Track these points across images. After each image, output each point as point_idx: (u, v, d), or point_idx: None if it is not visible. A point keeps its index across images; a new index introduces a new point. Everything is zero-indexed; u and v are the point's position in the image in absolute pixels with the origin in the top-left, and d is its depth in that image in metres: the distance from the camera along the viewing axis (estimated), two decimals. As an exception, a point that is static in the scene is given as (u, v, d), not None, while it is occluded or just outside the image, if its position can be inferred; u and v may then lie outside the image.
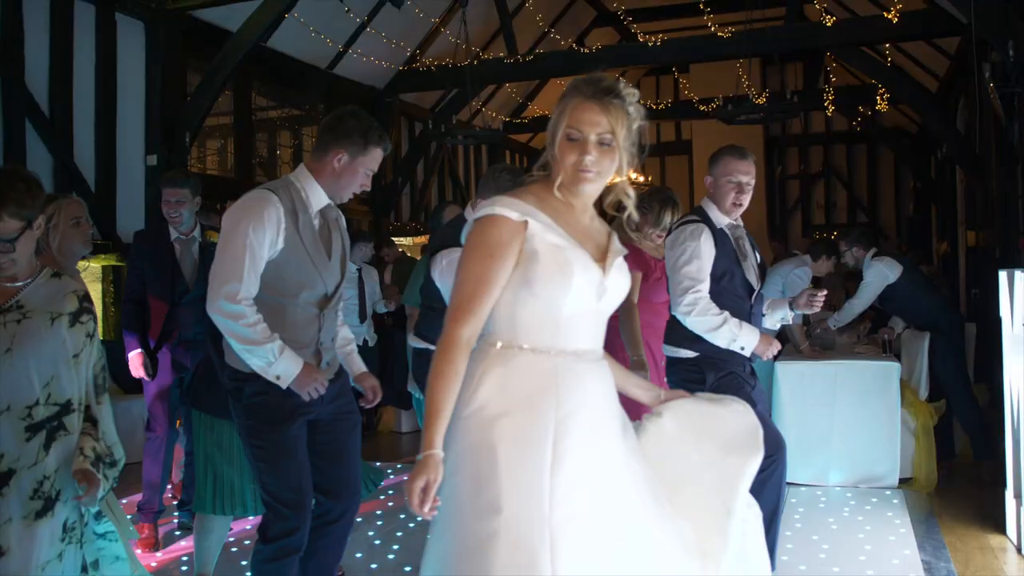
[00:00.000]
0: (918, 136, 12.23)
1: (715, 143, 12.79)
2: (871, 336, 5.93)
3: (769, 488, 2.76)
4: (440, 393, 1.66)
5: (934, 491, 4.58)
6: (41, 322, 2.11)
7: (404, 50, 9.27)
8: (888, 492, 4.53)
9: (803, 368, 4.84)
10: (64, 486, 2.11)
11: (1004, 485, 3.80)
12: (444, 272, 3.07)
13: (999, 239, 6.58)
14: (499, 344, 1.75)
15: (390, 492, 4.70)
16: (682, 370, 2.96)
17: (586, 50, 9.36)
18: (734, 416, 2.00)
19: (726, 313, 2.85)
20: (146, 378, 3.94)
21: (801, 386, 4.80)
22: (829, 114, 11.88)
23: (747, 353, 2.87)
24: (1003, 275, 3.88)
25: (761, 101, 9.50)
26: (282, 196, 2.41)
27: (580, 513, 1.63)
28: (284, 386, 2.38)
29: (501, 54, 9.34)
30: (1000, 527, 3.84)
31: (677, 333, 2.97)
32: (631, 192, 1.86)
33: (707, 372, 2.89)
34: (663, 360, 3.33)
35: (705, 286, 2.85)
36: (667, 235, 3.15)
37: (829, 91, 10.43)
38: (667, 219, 3.74)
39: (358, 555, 3.71)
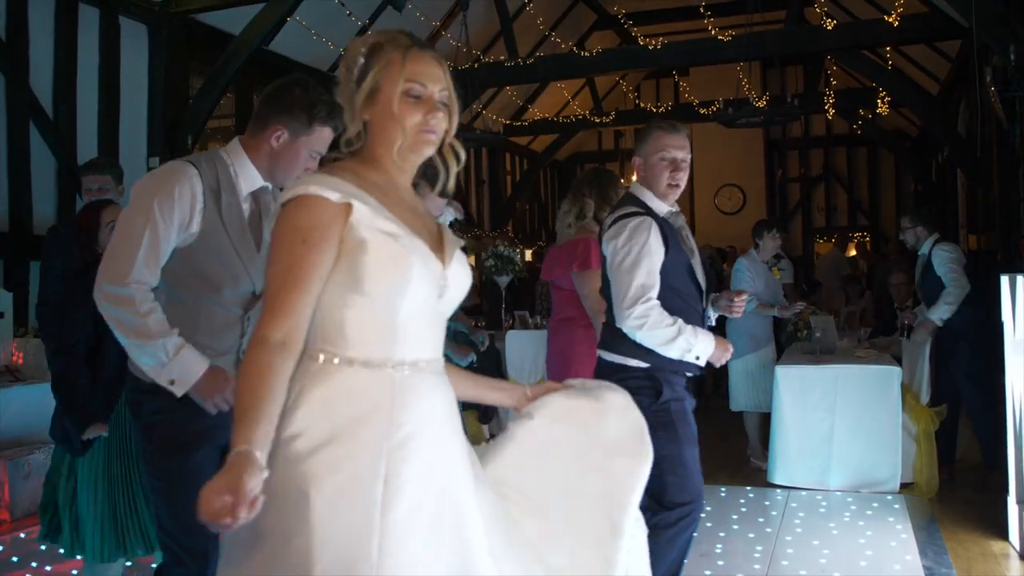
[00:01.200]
0: (919, 139, 12.25)
1: (716, 146, 13.03)
2: (872, 340, 5.94)
3: (676, 549, 2.48)
4: (243, 394, 1.33)
5: (935, 496, 4.58)
6: None
7: (405, 53, 9.27)
8: (889, 497, 4.52)
9: (804, 372, 4.84)
10: None
11: (1007, 491, 3.80)
12: None
13: (1000, 243, 6.58)
14: (321, 357, 1.42)
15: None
16: (630, 379, 2.41)
17: (586, 53, 9.38)
18: (617, 411, 1.68)
19: (679, 321, 2.45)
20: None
21: (802, 390, 4.80)
22: (830, 117, 11.90)
23: (702, 363, 2.51)
24: (1005, 279, 3.88)
25: (761, 104, 9.53)
26: (204, 170, 2.03)
27: (417, 561, 1.33)
28: (179, 393, 1.94)
29: (502, 57, 9.35)
30: (1003, 533, 3.83)
31: (624, 341, 2.52)
32: (461, 153, 1.56)
33: (663, 387, 2.51)
34: None
35: (655, 292, 2.45)
36: (602, 228, 2.71)
37: (829, 94, 10.45)
38: None
39: None
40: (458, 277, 1.54)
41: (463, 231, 11.46)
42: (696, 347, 2.47)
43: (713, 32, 8.61)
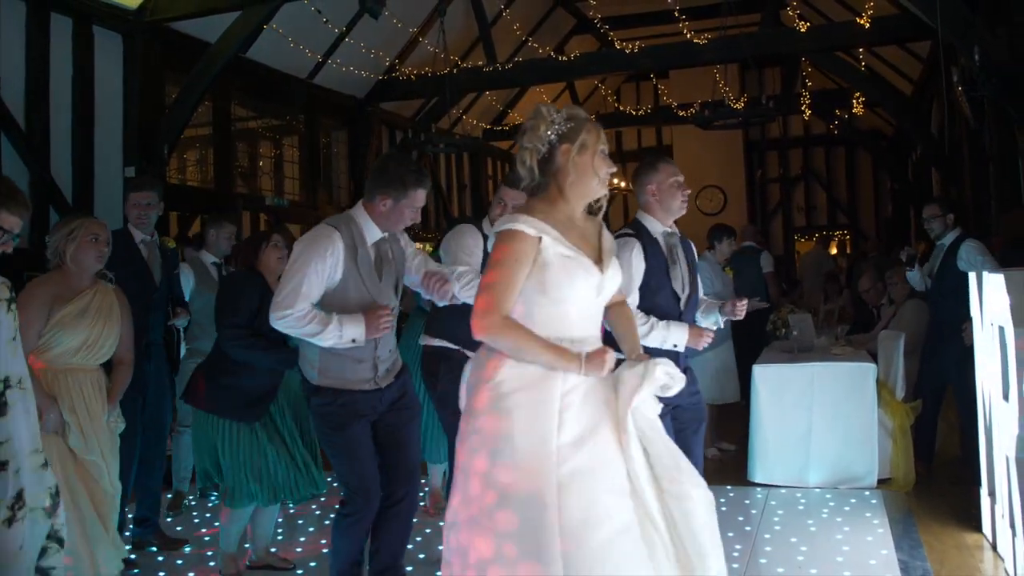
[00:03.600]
0: (894, 138, 12.39)
1: (695, 148, 13.07)
2: (848, 337, 6.01)
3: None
4: (529, 344, 2.06)
5: (912, 490, 4.63)
6: None
7: (383, 60, 9.28)
8: (867, 492, 4.57)
9: (780, 370, 4.88)
10: (10, 457, 2.28)
11: (979, 483, 3.86)
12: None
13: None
14: None
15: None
16: None
17: (565, 58, 9.42)
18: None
19: (652, 319, 3.06)
20: None
21: (779, 388, 4.84)
22: (806, 118, 12.02)
23: (681, 349, 3.08)
24: (972, 275, 3.94)
25: (739, 106, 9.61)
26: (343, 232, 2.82)
27: (581, 469, 1.97)
28: (363, 342, 2.79)
29: (480, 63, 9.38)
30: (977, 525, 3.88)
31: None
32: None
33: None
34: None
35: (632, 298, 3.00)
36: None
37: (806, 95, 10.55)
38: None
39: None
40: (613, 278, 2.21)
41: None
42: (671, 337, 3.06)
43: (689, 36, 8.68)
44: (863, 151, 13.53)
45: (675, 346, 3.07)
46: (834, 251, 12.02)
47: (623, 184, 14.58)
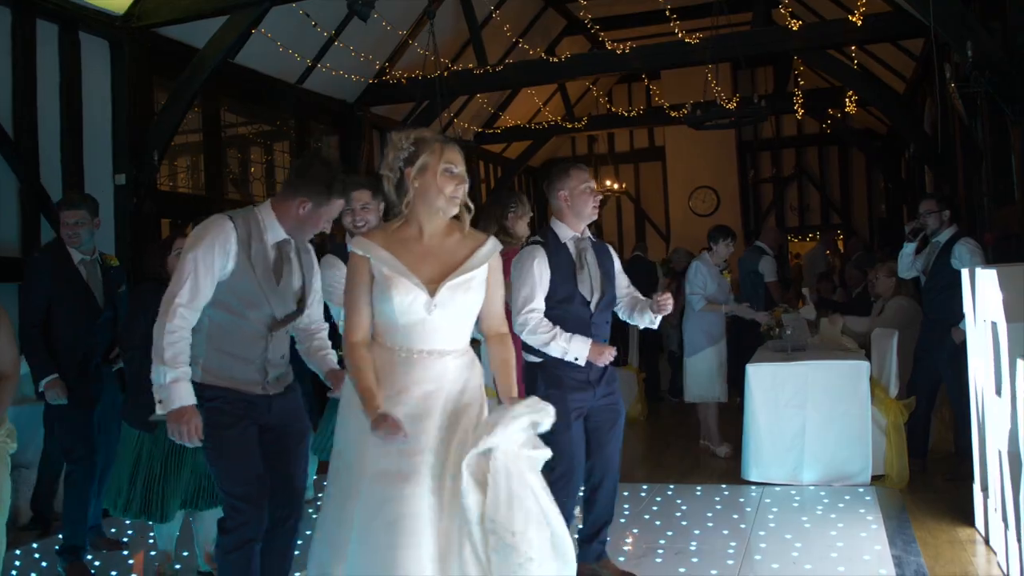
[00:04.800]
0: (887, 137, 12.40)
1: (688, 148, 13.05)
2: (847, 317, 5.94)
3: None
4: (354, 376, 2.35)
5: (906, 487, 4.62)
6: None
7: (373, 63, 9.26)
8: (861, 489, 4.56)
9: (775, 369, 4.87)
10: None
11: (972, 479, 3.84)
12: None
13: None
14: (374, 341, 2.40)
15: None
16: (530, 372, 3.32)
17: (556, 59, 9.41)
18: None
19: (556, 329, 3.16)
20: (64, 402, 3.83)
21: (773, 387, 4.83)
22: (799, 117, 12.01)
23: (581, 363, 3.17)
24: (965, 272, 3.94)
25: (731, 106, 9.61)
26: (238, 224, 2.64)
27: (387, 467, 2.20)
28: (160, 411, 2.54)
29: (471, 65, 9.36)
30: (969, 520, 3.88)
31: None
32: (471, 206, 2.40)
33: (540, 378, 3.24)
34: None
35: (536, 304, 3.16)
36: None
37: (798, 94, 10.54)
38: None
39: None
40: (450, 300, 2.31)
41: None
42: (571, 350, 3.16)
43: (680, 35, 8.68)
44: (856, 150, 13.53)
45: (576, 359, 3.16)
46: (827, 251, 11.99)
47: (616, 186, 14.60)
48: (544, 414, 2.21)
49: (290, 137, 9.01)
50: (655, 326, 3.37)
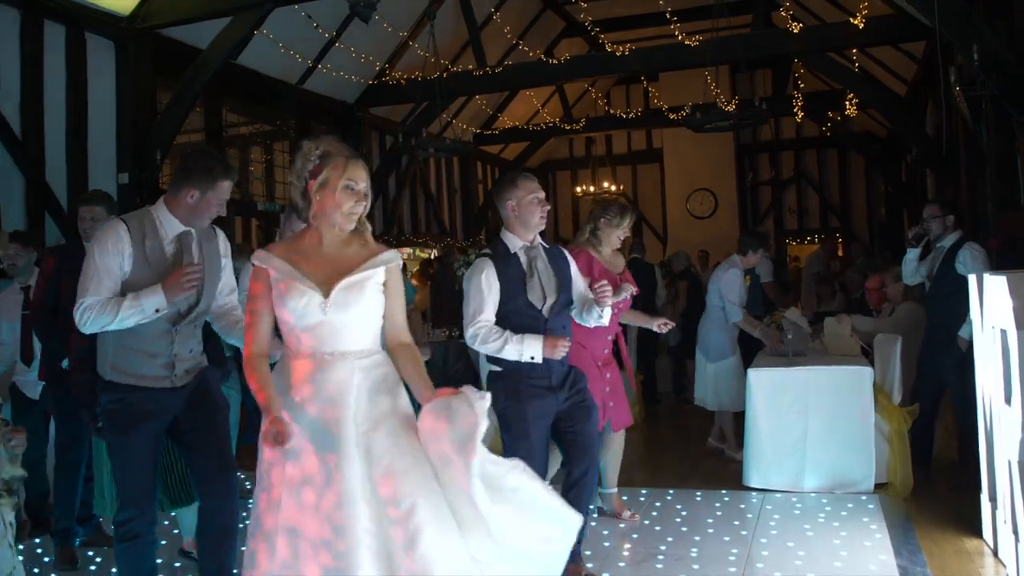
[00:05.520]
0: (888, 140, 12.41)
1: (686, 151, 12.98)
2: (853, 316, 5.87)
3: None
4: (254, 383, 2.36)
5: (910, 495, 4.59)
6: None
7: (373, 64, 9.24)
8: (864, 497, 4.53)
9: (776, 375, 4.84)
10: None
11: (980, 488, 3.82)
12: None
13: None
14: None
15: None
16: (491, 383, 3.32)
17: (555, 61, 9.40)
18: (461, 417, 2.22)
19: (507, 334, 3.16)
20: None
21: (774, 392, 4.80)
22: (799, 120, 12.02)
23: (539, 360, 3.15)
24: (972, 278, 3.91)
25: (730, 108, 9.60)
26: (132, 225, 2.78)
27: (296, 475, 2.24)
28: (166, 309, 2.71)
29: (470, 66, 9.34)
30: (977, 531, 3.85)
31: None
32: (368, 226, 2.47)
33: (499, 389, 3.21)
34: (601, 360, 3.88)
35: (485, 316, 3.18)
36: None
37: (798, 97, 10.54)
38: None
39: None
40: (344, 300, 2.32)
41: (437, 240, 11.42)
42: (526, 350, 3.14)
43: (680, 38, 8.67)
44: (856, 153, 13.55)
45: (532, 358, 3.15)
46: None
47: (613, 188, 14.58)
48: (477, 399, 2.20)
49: (290, 137, 9.00)
50: (605, 321, 3.33)
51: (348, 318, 2.33)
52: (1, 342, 4.47)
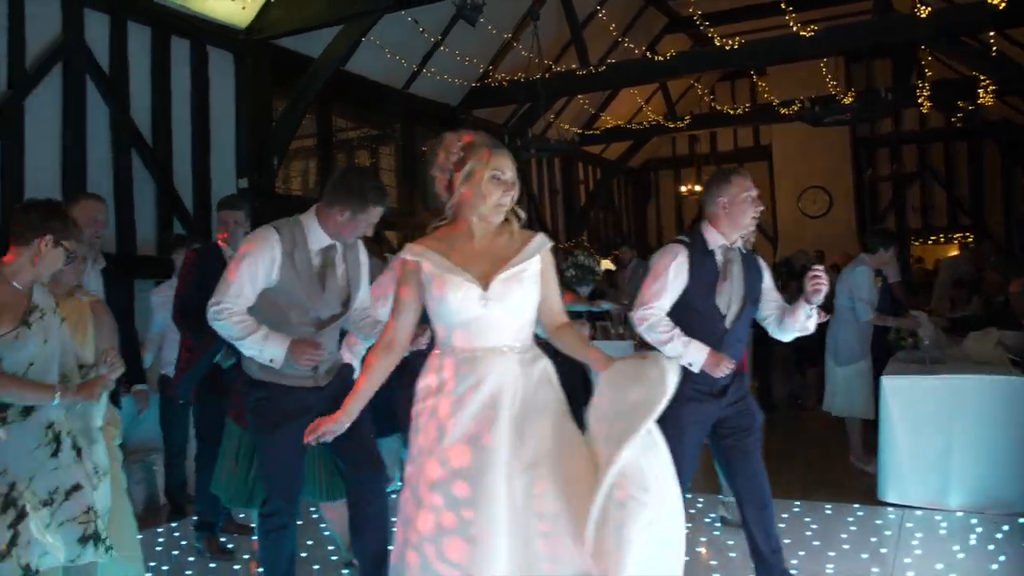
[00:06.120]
0: (1029, 129, 11.44)
1: (797, 146, 12.42)
2: (1003, 332, 5.41)
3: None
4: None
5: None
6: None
7: (477, 67, 9.27)
8: (1021, 520, 4.14)
9: (914, 383, 4.51)
10: None
11: None
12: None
13: None
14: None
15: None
16: None
17: (661, 57, 9.17)
18: (645, 381, 2.16)
19: (676, 331, 3.03)
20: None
21: (912, 401, 4.47)
22: (925, 111, 11.26)
23: (695, 369, 3.00)
24: None
25: (848, 100, 9.12)
26: (284, 235, 2.82)
27: (452, 470, 2.16)
28: (279, 367, 2.76)
29: (573, 66, 9.23)
30: None
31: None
32: (522, 215, 2.40)
33: None
34: None
35: (661, 303, 3.06)
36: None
37: (923, 86, 9.89)
38: None
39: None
40: (504, 293, 2.27)
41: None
42: (687, 355, 3.01)
43: (795, 27, 8.28)
44: (991, 144, 12.56)
45: (690, 365, 3.00)
46: (954, 253, 11.16)
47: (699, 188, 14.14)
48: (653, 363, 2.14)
49: (396, 140, 9.13)
50: (812, 328, 3.09)
51: (506, 311, 2.28)
52: (151, 334, 4.72)
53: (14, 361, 2.54)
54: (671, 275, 3.06)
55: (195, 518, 4.16)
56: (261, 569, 3.03)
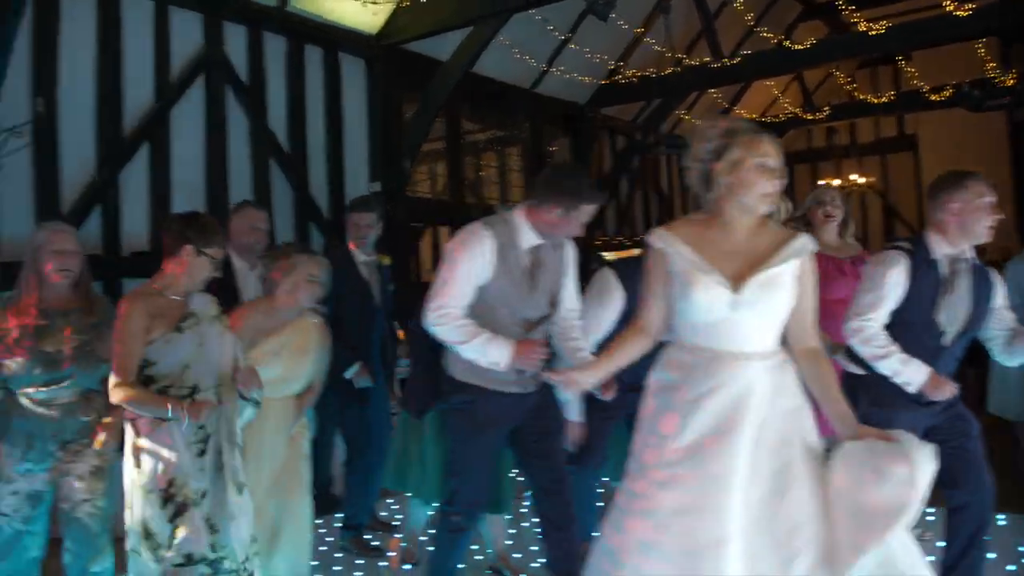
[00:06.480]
0: None
1: (948, 135, 11.45)
2: None
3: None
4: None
5: None
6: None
7: (606, 63, 9.13)
8: None
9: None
10: None
11: None
12: None
13: None
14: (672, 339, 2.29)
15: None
16: (848, 384, 2.87)
17: (799, 46, 8.73)
18: (893, 480, 1.95)
19: (894, 347, 2.80)
20: (370, 384, 4.05)
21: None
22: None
23: (912, 390, 2.78)
24: None
25: (1010, 82, 8.37)
26: (497, 232, 2.76)
27: (688, 476, 2.04)
28: (504, 368, 2.68)
29: (706, 59, 8.94)
30: None
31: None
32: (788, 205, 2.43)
33: (861, 392, 2.86)
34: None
35: (877, 314, 2.82)
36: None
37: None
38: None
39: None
40: (758, 298, 2.13)
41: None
42: (904, 373, 2.76)
43: (949, 7, 7.67)
44: None
45: (907, 385, 2.79)
46: None
47: (862, 180, 13.35)
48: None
49: (523, 141, 9.13)
50: None
51: (756, 316, 2.14)
52: None
53: (169, 363, 2.67)
54: (890, 285, 2.83)
55: (343, 519, 4.23)
56: (429, 565, 3.03)
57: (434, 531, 2.99)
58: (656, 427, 2.14)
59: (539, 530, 2.96)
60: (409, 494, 3.75)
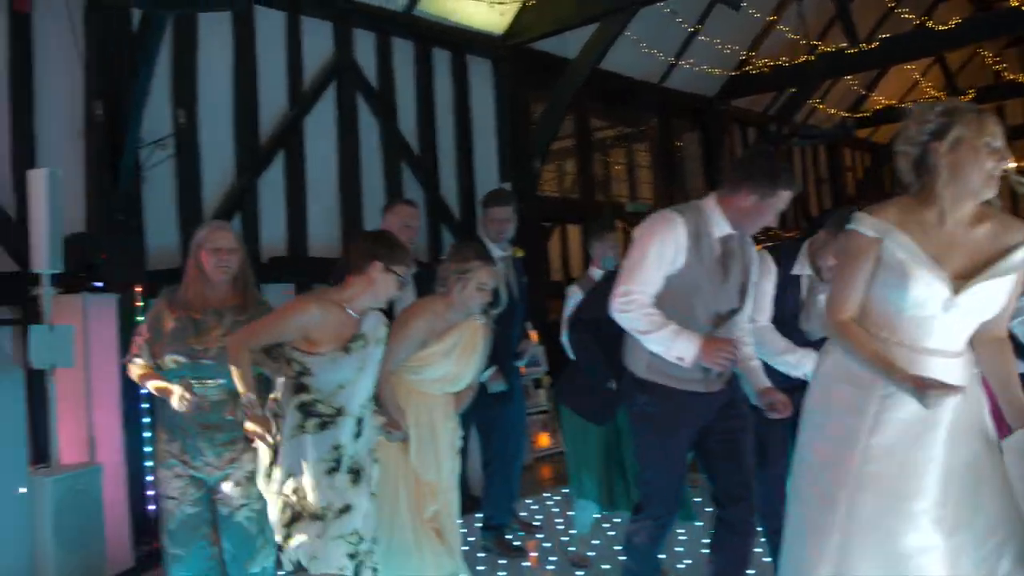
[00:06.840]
0: None
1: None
2: None
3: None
4: (857, 350, 2.07)
5: None
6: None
7: (736, 54, 8.77)
8: None
9: None
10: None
11: None
12: None
13: None
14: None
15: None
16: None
17: (942, 27, 8.09)
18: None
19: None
20: (505, 388, 4.13)
21: None
22: None
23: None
24: None
25: None
26: (688, 219, 2.65)
27: (884, 475, 1.97)
28: (689, 364, 2.57)
29: (842, 44, 8.43)
30: None
31: None
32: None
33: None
34: None
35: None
36: None
37: None
38: None
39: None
40: (974, 302, 2.02)
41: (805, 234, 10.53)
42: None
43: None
44: None
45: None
46: None
47: (1012, 165, 12.30)
48: None
49: (651, 137, 8.90)
50: None
51: (964, 316, 2.05)
52: None
53: (326, 380, 2.66)
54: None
55: (482, 519, 4.24)
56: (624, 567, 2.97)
57: (625, 546, 2.91)
58: (845, 421, 2.06)
59: (712, 533, 2.84)
60: (579, 496, 3.75)
